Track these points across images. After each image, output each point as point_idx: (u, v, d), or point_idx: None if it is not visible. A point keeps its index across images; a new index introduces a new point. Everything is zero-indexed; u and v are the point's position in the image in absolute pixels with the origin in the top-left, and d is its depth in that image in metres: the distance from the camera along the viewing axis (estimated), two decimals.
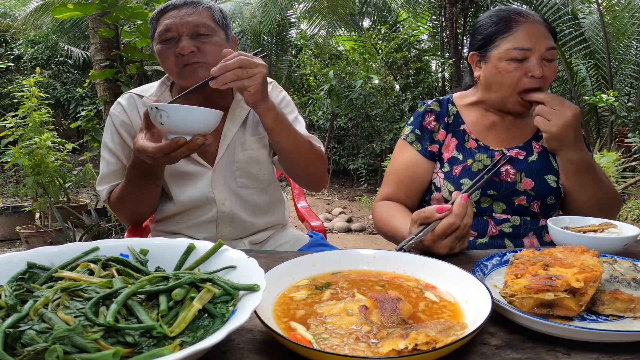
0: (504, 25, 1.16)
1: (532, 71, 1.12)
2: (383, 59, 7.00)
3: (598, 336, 0.56)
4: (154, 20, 1.24)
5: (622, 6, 6.12)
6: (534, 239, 1.20)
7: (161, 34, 1.20)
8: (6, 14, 10.85)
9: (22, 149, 3.64)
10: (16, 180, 7.01)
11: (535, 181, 1.17)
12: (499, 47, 1.16)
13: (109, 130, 1.31)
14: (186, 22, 1.18)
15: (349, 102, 6.61)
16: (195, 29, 1.19)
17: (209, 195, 1.28)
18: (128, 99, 1.32)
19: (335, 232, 5.07)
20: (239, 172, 1.31)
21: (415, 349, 0.50)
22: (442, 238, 0.88)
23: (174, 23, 1.18)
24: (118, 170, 1.30)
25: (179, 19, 1.18)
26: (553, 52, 1.15)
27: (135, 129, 1.29)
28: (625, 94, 6.26)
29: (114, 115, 1.31)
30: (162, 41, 1.20)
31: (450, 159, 1.23)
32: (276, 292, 0.67)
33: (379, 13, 8.14)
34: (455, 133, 1.26)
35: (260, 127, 1.34)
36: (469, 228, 0.90)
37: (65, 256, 0.66)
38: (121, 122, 1.30)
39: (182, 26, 1.18)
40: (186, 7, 1.20)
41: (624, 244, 0.89)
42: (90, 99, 8.56)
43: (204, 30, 1.20)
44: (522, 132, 1.26)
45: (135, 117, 1.30)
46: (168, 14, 1.21)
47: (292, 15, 9.83)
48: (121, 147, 1.30)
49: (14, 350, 0.45)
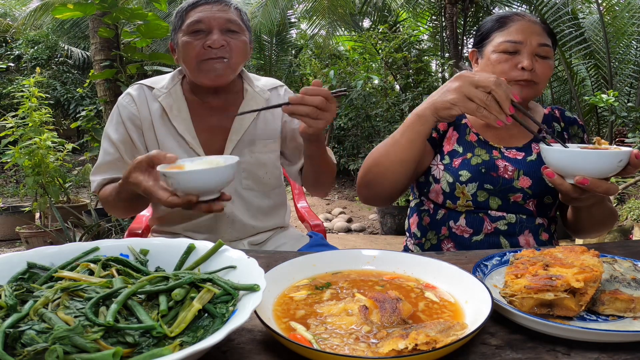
0: (501, 23, 1.22)
1: (521, 62, 1.14)
2: (383, 59, 7.00)
3: (598, 336, 0.56)
4: (182, 12, 1.24)
5: (622, 6, 6.11)
6: (529, 237, 1.20)
7: (191, 25, 1.20)
8: (6, 14, 10.85)
9: (22, 149, 3.64)
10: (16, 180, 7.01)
11: (532, 180, 1.18)
12: (493, 41, 1.21)
13: (114, 120, 1.29)
14: (219, 17, 1.21)
15: (349, 102, 6.61)
16: (226, 24, 1.21)
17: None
18: (138, 90, 1.30)
19: (335, 232, 5.07)
20: (245, 173, 1.30)
21: (415, 349, 0.50)
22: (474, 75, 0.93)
23: (207, 16, 1.20)
24: (114, 162, 1.27)
25: (212, 13, 1.21)
26: (546, 49, 1.17)
27: (143, 122, 1.27)
28: (625, 94, 6.26)
29: (122, 106, 1.29)
30: (190, 32, 1.21)
31: (451, 152, 1.24)
32: (276, 292, 0.67)
33: (379, 13, 8.13)
34: (457, 127, 1.28)
35: (270, 130, 1.34)
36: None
37: (65, 256, 0.66)
38: (129, 113, 1.27)
39: (215, 20, 1.20)
40: (218, 4, 1.23)
41: (618, 160, 0.84)
42: (90, 99, 8.56)
43: (234, 27, 1.23)
44: (521, 133, 1.26)
45: (144, 110, 1.28)
46: (199, 8, 1.22)
47: (292, 15, 9.82)
48: (123, 140, 1.27)
49: (14, 350, 0.45)
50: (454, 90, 0.95)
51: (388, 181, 1.10)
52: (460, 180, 1.18)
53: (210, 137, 1.29)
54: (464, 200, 1.19)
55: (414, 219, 1.35)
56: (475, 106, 0.92)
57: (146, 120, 1.27)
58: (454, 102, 0.94)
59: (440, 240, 1.25)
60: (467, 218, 1.21)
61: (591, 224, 1.16)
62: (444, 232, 1.24)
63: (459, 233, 1.22)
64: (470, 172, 1.18)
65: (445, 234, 1.24)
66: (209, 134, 1.29)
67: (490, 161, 1.20)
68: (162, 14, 7.18)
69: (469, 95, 0.92)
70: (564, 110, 1.35)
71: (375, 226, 5.27)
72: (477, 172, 1.18)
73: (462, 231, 1.21)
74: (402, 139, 1.06)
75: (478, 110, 0.92)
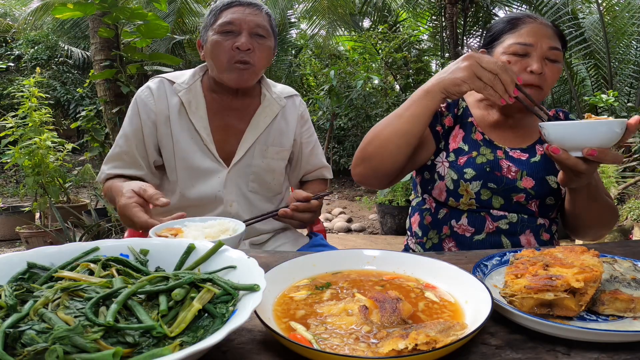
0: (512, 24, 1.20)
1: (531, 65, 1.13)
2: (383, 59, 7.00)
3: (598, 336, 0.56)
4: (216, 11, 1.27)
5: (622, 6, 6.11)
6: (530, 236, 1.20)
7: (223, 25, 1.23)
8: (6, 14, 10.85)
9: (22, 149, 3.65)
10: (16, 180, 7.01)
11: (535, 181, 1.18)
12: (503, 42, 1.19)
13: (131, 112, 1.31)
14: (250, 20, 1.23)
15: (349, 102, 6.61)
16: (256, 28, 1.24)
17: (219, 194, 1.28)
18: (158, 84, 1.32)
19: (335, 232, 5.07)
20: (253, 176, 1.32)
21: (415, 349, 0.50)
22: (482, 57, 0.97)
23: (239, 18, 1.23)
24: (120, 155, 1.29)
25: (244, 16, 1.23)
26: (556, 52, 1.16)
27: (158, 116, 1.29)
28: (625, 94, 6.25)
29: (140, 99, 1.30)
30: (221, 32, 1.23)
31: (456, 150, 1.24)
32: (276, 292, 0.67)
33: (379, 13, 8.13)
34: (463, 125, 1.27)
35: (284, 138, 1.38)
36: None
37: (65, 256, 0.66)
38: (145, 106, 1.29)
39: (245, 23, 1.23)
40: (251, 7, 1.26)
41: (620, 127, 0.85)
42: (90, 99, 8.57)
43: (263, 31, 1.26)
44: (526, 134, 1.26)
45: (162, 104, 1.29)
46: (233, 9, 1.25)
47: (292, 15, 9.83)
48: (135, 132, 1.29)
49: (14, 350, 0.45)
50: (464, 69, 0.98)
51: (388, 153, 1.08)
52: (465, 178, 1.18)
53: (225, 137, 1.32)
54: (467, 198, 1.19)
55: (415, 218, 1.35)
56: (482, 85, 0.97)
57: (162, 114, 1.29)
58: (464, 80, 0.97)
59: (442, 240, 1.25)
60: (468, 217, 1.21)
61: (590, 219, 1.16)
62: (446, 231, 1.24)
63: (460, 232, 1.22)
64: (475, 170, 1.18)
65: (446, 233, 1.24)
66: (223, 133, 1.32)
67: (494, 160, 1.20)
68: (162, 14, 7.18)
69: (478, 74, 0.97)
70: (567, 113, 1.34)
71: (375, 226, 5.27)
72: (481, 171, 1.18)
73: (463, 230, 1.21)
74: (407, 112, 1.07)
75: (485, 89, 0.97)
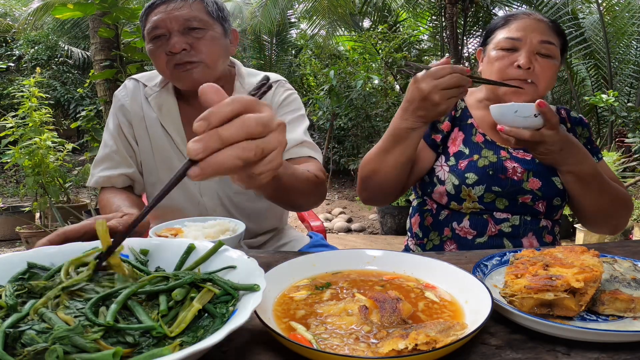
0: (506, 21, 1.21)
1: (518, 60, 1.12)
2: (383, 59, 6.99)
3: (598, 336, 0.56)
4: (143, 17, 1.15)
5: (622, 6, 6.11)
6: (533, 239, 1.19)
7: (150, 31, 1.11)
8: (7, 14, 10.84)
9: (22, 149, 3.65)
10: (16, 180, 7.01)
11: (542, 182, 1.16)
12: (494, 38, 1.20)
13: (112, 112, 1.30)
14: (175, 17, 1.08)
15: (349, 102, 6.61)
16: (186, 23, 1.09)
17: (200, 202, 1.25)
18: (134, 84, 1.30)
19: (335, 232, 5.07)
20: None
21: (415, 349, 0.50)
22: (433, 78, 0.96)
23: (162, 19, 1.09)
24: (110, 155, 1.26)
25: (167, 14, 1.09)
26: (548, 46, 1.14)
27: (133, 116, 1.26)
28: (625, 94, 6.25)
29: (116, 97, 1.30)
30: (151, 39, 1.12)
31: (457, 153, 1.21)
32: (276, 292, 0.67)
33: (379, 13, 8.13)
34: (463, 127, 1.25)
35: None
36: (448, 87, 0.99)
37: (65, 256, 0.66)
38: (120, 105, 1.28)
39: (171, 21, 1.08)
40: (174, 1, 1.10)
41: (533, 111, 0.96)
42: (90, 99, 8.56)
43: (196, 23, 1.10)
44: None
45: (135, 105, 1.27)
46: (156, 10, 1.11)
47: (292, 15, 9.82)
48: (117, 132, 1.27)
49: (14, 350, 0.45)
50: (435, 101, 0.98)
51: (388, 184, 1.13)
52: (467, 183, 1.16)
53: None
54: (470, 202, 1.17)
55: (415, 218, 1.33)
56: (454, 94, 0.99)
57: (137, 115, 1.26)
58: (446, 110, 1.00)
59: (443, 242, 1.23)
60: (471, 219, 1.19)
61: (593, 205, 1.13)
62: (447, 233, 1.22)
63: (462, 234, 1.20)
64: (477, 174, 1.16)
65: (448, 235, 1.22)
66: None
67: (498, 162, 1.17)
68: None
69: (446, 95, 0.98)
70: (569, 111, 1.33)
71: (375, 226, 5.27)
72: (484, 175, 1.16)
73: (465, 233, 1.20)
74: (396, 149, 1.08)
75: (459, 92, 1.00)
